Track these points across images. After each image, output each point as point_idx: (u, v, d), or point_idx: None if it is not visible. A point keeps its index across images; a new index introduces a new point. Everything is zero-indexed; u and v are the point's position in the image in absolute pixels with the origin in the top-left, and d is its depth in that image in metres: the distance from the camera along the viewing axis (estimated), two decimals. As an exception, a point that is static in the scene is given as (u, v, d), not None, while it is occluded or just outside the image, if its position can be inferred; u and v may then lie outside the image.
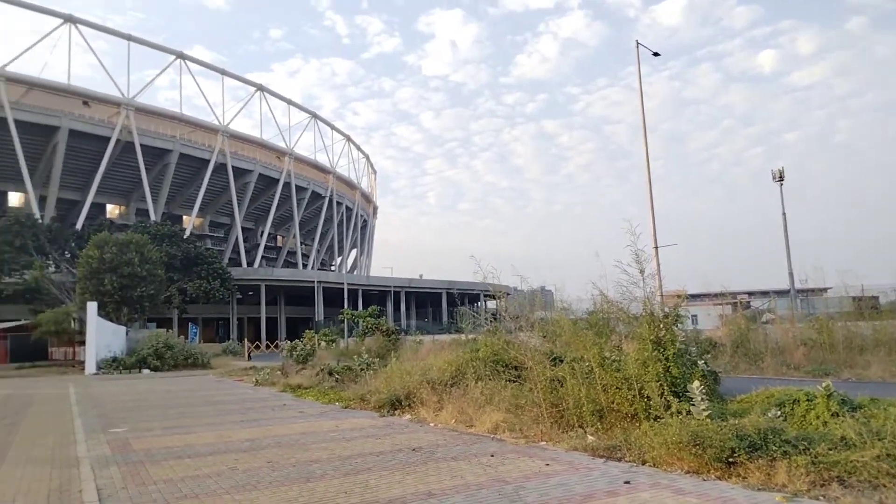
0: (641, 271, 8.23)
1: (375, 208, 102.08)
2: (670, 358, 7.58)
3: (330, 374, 17.43)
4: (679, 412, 6.89)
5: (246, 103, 69.70)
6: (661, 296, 11.65)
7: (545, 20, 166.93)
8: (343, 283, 58.69)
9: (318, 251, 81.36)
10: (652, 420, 7.19)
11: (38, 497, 6.28)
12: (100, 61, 63.15)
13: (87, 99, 55.88)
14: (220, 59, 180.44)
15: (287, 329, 62.94)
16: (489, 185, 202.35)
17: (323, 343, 29.16)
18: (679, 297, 8.82)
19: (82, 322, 32.63)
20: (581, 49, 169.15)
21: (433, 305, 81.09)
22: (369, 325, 26.23)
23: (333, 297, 61.68)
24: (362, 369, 16.49)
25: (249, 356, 39.52)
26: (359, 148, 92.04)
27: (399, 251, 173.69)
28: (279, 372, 21.47)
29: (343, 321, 39.32)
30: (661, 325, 7.84)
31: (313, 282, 60.91)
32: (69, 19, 54.14)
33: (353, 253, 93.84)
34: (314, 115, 77.76)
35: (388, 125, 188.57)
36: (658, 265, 13.70)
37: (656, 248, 17.81)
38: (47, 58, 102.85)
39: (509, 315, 12.18)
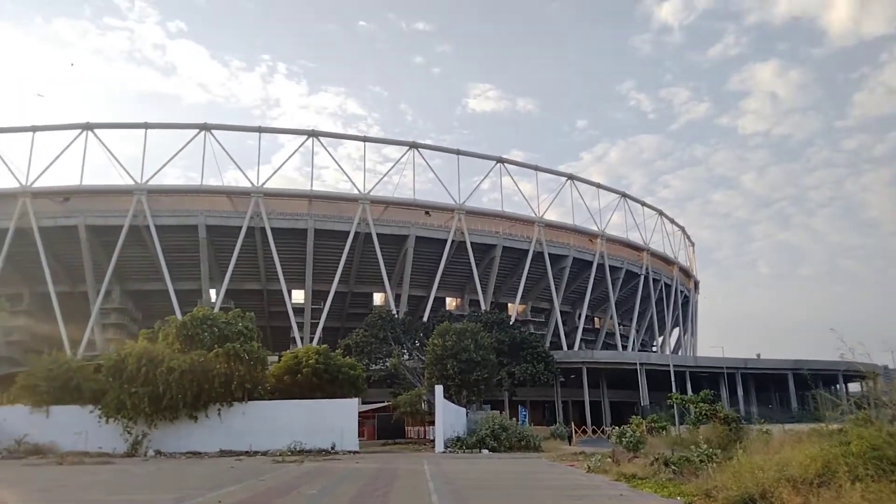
0: None
1: (696, 283, 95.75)
2: None
3: (666, 464, 16.37)
4: None
5: (557, 193, 73.64)
6: None
7: (887, 48, 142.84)
8: (668, 365, 55.49)
9: (637, 331, 79.00)
10: None
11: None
12: (436, 175, 74.76)
13: (428, 209, 65.97)
14: (534, 156, 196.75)
15: (611, 413, 61.56)
16: (835, 245, 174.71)
17: (652, 430, 27.71)
18: None
19: (430, 403, 36.92)
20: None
21: (777, 389, 70.85)
22: (703, 412, 24.18)
23: (657, 379, 58.64)
24: (702, 461, 15.10)
25: (570, 440, 39.82)
26: (672, 221, 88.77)
27: (728, 327, 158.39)
28: (609, 459, 20.94)
29: (672, 406, 36.94)
30: None
31: (635, 363, 58.94)
32: (413, 145, 65.60)
33: (676, 332, 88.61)
34: (623, 195, 78.12)
35: (703, 193, 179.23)
36: None
37: None
38: (397, 179, 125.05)
39: (889, 399, 10.00)
